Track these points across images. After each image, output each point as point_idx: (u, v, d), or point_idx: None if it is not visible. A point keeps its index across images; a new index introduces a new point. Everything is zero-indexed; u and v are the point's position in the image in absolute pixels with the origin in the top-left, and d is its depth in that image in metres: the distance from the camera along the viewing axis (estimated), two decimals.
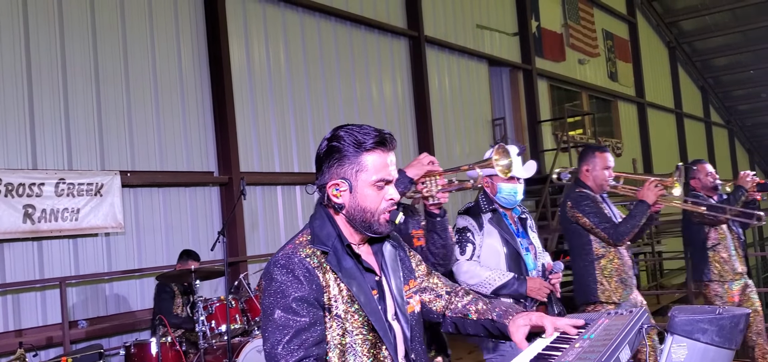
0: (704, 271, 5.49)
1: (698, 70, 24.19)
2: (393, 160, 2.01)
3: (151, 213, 7.58)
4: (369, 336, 1.92)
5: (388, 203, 1.99)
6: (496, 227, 3.82)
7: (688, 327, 1.46)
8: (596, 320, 1.92)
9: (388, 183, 1.98)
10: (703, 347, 1.46)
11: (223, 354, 5.71)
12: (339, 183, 1.97)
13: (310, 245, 1.96)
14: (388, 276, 2.06)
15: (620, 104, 18.95)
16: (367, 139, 1.96)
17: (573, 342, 1.72)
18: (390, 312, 2.02)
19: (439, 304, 2.20)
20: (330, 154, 1.98)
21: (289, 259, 1.91)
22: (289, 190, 9.16)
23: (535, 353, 1.71)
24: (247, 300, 6.34)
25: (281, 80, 9.25)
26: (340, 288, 1.92)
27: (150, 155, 7.61)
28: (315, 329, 1.85)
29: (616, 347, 1.59)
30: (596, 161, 4.56)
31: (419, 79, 11.52)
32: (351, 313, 1.91)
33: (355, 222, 1.99)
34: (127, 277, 7.31)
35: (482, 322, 2.09)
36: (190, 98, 8.07)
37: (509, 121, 14.23)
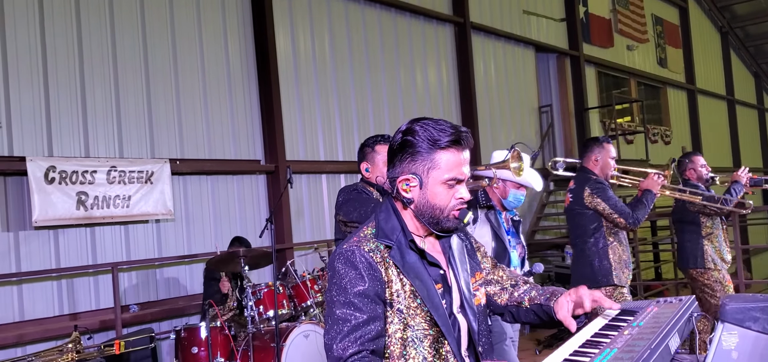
0: (698, 259, 5.73)
1: (751, 55, 23.48)
2: (467, 158, 1.99)
3: (199, 201, 7.74)
4: (431, 331, 1.92)
5: (458, 201, 1.97)
6: (490, 222, 3.95)
7: (739, 316, 1.45)
8: (645, 308, 1.90)
9: (459, 182, 1.97)
10: (755, 335, 1.44)
11: (270, 339, 5.80)
12: (410, 178, 1.96)
13: (375, 239, 1.96)
14: (456, 269, 2.05)
15: (669, 91, 18.53)
16: (442, 137, 1.93)
17: (622, 330, 1.72)
18: (455, 304, 2.02)
19: (503, 297, 2.20)
20: (403, 148, 1.97)
21: (353, 253, 1.91)
22: (333, 178, 9.23)
23: (584, 339, 1.71)
24: (294, 286, 6.41)
25: (326, 69, 9.31)
26: (402, 282, 1.92)
27: (198, 144, 7.75)
28: (373, 324, 1.86)
29: (665, 334, 1.58)
30: (604, 151, 4.88)
31: (464, 66, 11.45)
32: (413, 308, 1.92)
33: (423, 217, 1.98)
34: (177, 263, 7.48)
35: (533, 308, 2.10)
36: (236, 87, 8.19)
37: (556, 108, 14.06)
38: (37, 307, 6.46)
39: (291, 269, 6.65)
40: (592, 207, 4.73)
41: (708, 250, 5.73)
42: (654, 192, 4.77)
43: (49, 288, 6.57)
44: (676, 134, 18.37)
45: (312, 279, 6.45)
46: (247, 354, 5.82)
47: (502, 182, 3.99)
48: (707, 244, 5.74)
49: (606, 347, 1.58)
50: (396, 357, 1.91)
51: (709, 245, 5.75)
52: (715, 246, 5.76)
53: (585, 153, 4.97)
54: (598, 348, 1.59)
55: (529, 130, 13.14)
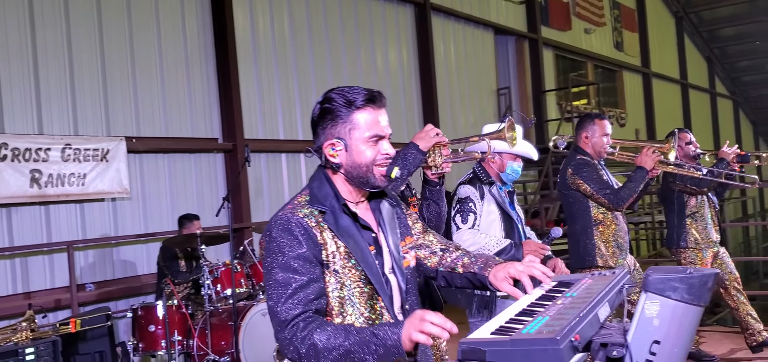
0: (681, 238, 5.57)
1: (704, 40, 24.06)
2: (384, 116, 2.10)
3: (156, 179, 7.69)
4: (366, 289, 2.03)
5: (383, 157, 2.07)
6: (495, 198, 3.96)
7: (660, 286, 1.55)
8: (580, 280, 2.01)
9: (381, 138, 2.07)
10: (674, 303, 1.54)
11: (228, 318, 5.83)
12: (334, 142, 2.06)
13: (308, 205, 2.06)
14: (386, 232, 2.16)
15: (625, 74, 18.91)
16: (357, 98, 2.05)
17: (556, 299, 1.82)
18: (387, 266, 2.12)
19: (433, 260, 2.30)
20: (323, 116, 2.08)
21: (288, 219, 2.01)
22: (293, 158, 9.25)
23: (520, 308, 1.80)
24: (251, 265, 6.45)
25: (285, 48, 9.29)
26: (337, 244, 2.02)
27: (155, 122, 7.70)
28: (313, 285, 1.95)
29: (595, 304, 1.68)
30: (595, 128, 4.67)
31: (425, 47, 11.52)
32: (348, 268, 2.02)
33: (352, 179, 2.08)
34: (134, 242, 7.44)
35: (467, 275, 2.20)
36: (194, 65, 8.13)
37: (514, 90, 14.25)
38: None
39: (248, 248, 6.67)
40: (575, 187, 4.62)
41: (691, 230, 5.56)
42: (646, 168, 4.46)
43: (2, 267, 6.49)
44: (631, 117, 18.77)
45: None
46: (204, 333, 5.85)
47: (499, 155, 3.98)
48: (691, 224, 5.56)
49: (539, 315, 1.67)
50: (335, 314, 2.01)
51: (694, 225, 5.57)
52: (700, 227, 5.57)
53: (577, 131, 4.80)
54: (532, 316, 1.69)
55: (488, 112, 13.29)
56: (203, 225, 7.65)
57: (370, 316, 2.04)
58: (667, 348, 1.54)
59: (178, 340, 5.84)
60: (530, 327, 1.57)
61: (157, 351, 5.91)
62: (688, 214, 5.58)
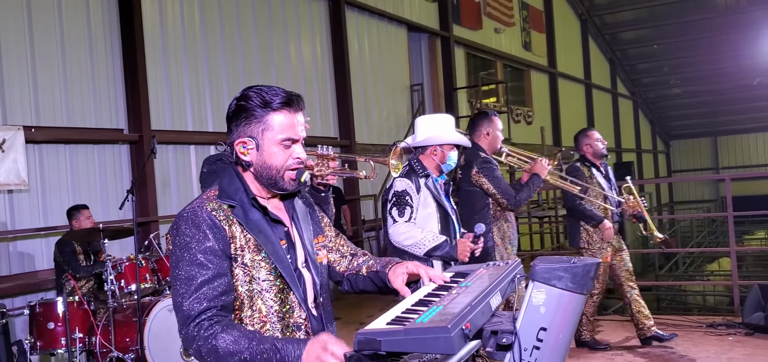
0: (577, 238, 5.93)
1: (607, 42, 25.16)
2: (301, 120, 2.09)
3: (57, 171, 7.39)
4: (276, 282, 2.03)
5: (294, 161, 2.07)
6: (431, 191, 4.02)
7: (546, 275, 1.65)
8: (475, 270, 2.09)
9: (294, 142, 2.07)
10: (559, 292, 1.64)
11: (133, 313, 5.70)
12: (246, 141, 2.05)
13: (217, 199, 2.05)
14: (300, 227, 2.18)
15: (533, 74, 19.53)
16: (274, 99, 2.03)
17: (452, 290, 1.89)
18: (300, 259, 2.13)
19: (342, 265, 2.33)
20: (238, 114, 2.06)
21: (195, 213, 1.99)
22: (203, 150, 9.08)
23: (417, 299, 1.86)
24: (157, 260, 6.32)
25: (195, 38, 9.11)
26: (246, 238, 2.01)
27: (56, 111, 7.39)
28: (220, 280, 1.94)
29: (487, 292, 1.76)
30: (493, 125, 4.94)
31: (338, 42, 11.54)
32: (257, 261, 2.01)
33: (261, 178, 2.08)
34: (32, 236, 7.13)
35: (370, 276, 2.24)
36: (99, 53, 7.85)
37: (427, 87, 14.47)
38: None
39: (154, 242, 6.52)
40: (478, 186, 4.80)
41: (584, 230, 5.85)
42: (541, 177, 4.86)
43: None
44: (538, 115, 19.40)
45: None
46: (107, 329, 5.70)
47: (440, 147, 4.06)
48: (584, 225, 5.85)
49: (434, 305, 1.74)
50: (245, 308, 2.01)
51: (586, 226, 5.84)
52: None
53: (475, 128, 5.00)
54: (427, 306, 1.75)
55: (402, 108, 13.46)
56: (108, 218, 7.44)
57: (281, 309, 2.04)
58: (553, 335, 1.64)
59: (79, 337, 5.68)
60: (424, 316, 1.63)
61: (57, 348, 5.71)
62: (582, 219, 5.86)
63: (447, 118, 4.27)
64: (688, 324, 6.69)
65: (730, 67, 24.24)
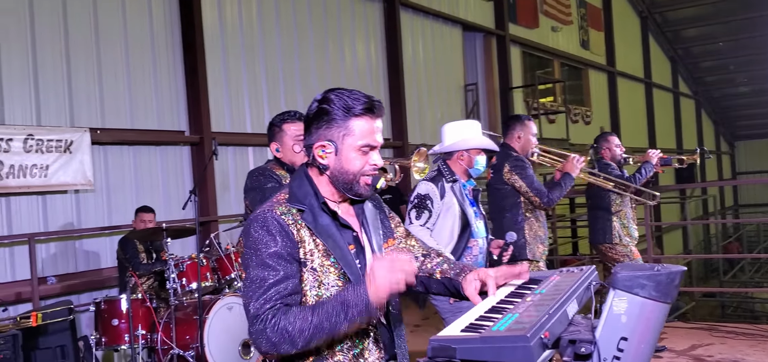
0: (607, 234, 6.05)
1: (668, 40, 24.48)
2: (380, 126, 2.08)
3: (121, 172, 7.58)
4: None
5: (371, 167, 2.07)
6: (456, 196, 4.03)
7: (628, 283, 1.57)
8: (549, 277, 2.03)
9: (372, 149, 2.06)
10: (642, 301, 1.57)
11: (193, 312, 5.77)
12: (325, 144, 2.04)
13: (287, 203, 2.04)
14: (369, 232, 2.16)
15: (591, 72, 19.15)
16: (356, 105, 2.02)
17: (525, 297, 1.83)
18: (369, 265, 2.09)
19: (414, 265, 2.29)
20: (319, 116, 2.05)
21: (265, 217, 1.99)
22: (260, 151, 9.18)
23: (490, 305, 1.82)
24: (217, 259, 6.39)
25: (254, 41, 9.21)
26: (315, 243, 2.01)
27: (120, 113, 7.57)
28: (288, 281, 1.94)
29: (564, 301, 1.70)
30: (526, 129, 4.98)
31: (393, 43, 11.52)
32: (326, 266, 2.01)
33: (337, 183, 2.07)
34: (97, 234, 7.32)
35: (443, 281, 2.21)
36: (161, 56, 8.02)
37: (481, 87, 14.33)
38: None
39: (215, 241, 6.61)
40: (510, 184, 4.85)
41: (616, 226, 6.03)
42: (573, 175, 4.91)
43: None
44: (596, 115, 19.02)
45: (236, 253, 6.43)
46: (169, 327, 5.78)
47: (467, 152, 4.08)
48: (615, 221, 6.03)
49: (508, 312, 1.68)
50: None
51: (618, 221, 6.04)
52: (623, 223, 6.05)
53: (507, 130, 5.08)
54: (502, 313, 1.70)
55: (455, 108, 13.36)
56: (169, 217, 7.58)
57: None
58: (634, 345, 1.56)
59: (142, 334, 5.76)
60: (500, 324, 1.58)
61: (121, 345, 5.82)
62: (613, 211, 6.03)
63: (473, 123, 4.30)
64: (758, 333, 6.43)
65: None
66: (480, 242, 4.05)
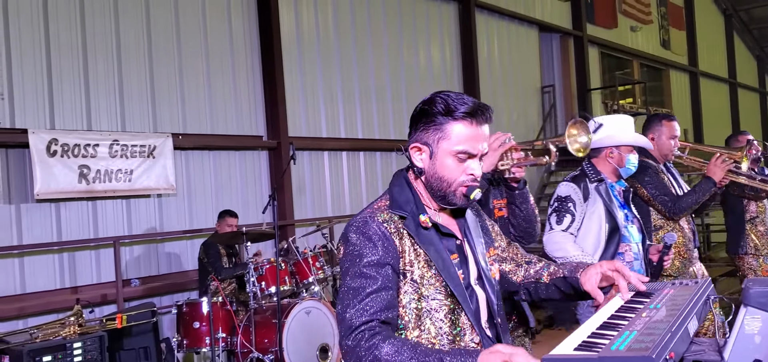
0: (740, 244, 5.32)
1: (755, 38, 23.38)
2: (485, 134, 1.94)
3: (201, 176, 7.71)
4: (447, 301, 1.88)
5: (468, 177, 1.92)
6: (603, 197, 3.63)
7: (763, 299, 1.42)
8: (661, 289, 1.88)
9: (471, 157, 1.92)
10: None
11: (272, 315, 5.79)
12: (421, 147, 1.94)
13: (388, 210, 1.93)
14: (472, 240, 2.03)
15: (672, 73, 18.46)
16: (458, 107, 1.89)
17: (640, 311, 1.69)
18: (473, 275, 1.98)
19: (519, 274, 2.16)
20: (420, 116, 1.94)
21: (366, 223, 1.88)
22: (335, 156, 9.20)
23: (601, 320, 1.68)
24: (295, 263, 6.41)
25: (329, 46, 9.24)
26: (417, 252, 1.88)
27: (201, 118, 7.71)
28: (385, 293, 1.81)
29: (684, 317, 1.56)
30: (662, 129, 4.32)
31: (468, 45, 11.37)
32: (428, 278, 1.88)
33: (431, 189, 1.95)
34: (179, 238, 7.47)
35: (554, 282, 2.06)
36: (239, 63, 8.13)
37: (558, 88, 13.99)
38: (39, 280, 6.46)
39: (293, 246, 6.63)
40: (633, 191, 4.14)
41: (750, 235, 5.33)
42: (715, 179, 4.12)
43: (51, 261, 6.56)
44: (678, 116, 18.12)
45: (313, 256, 6.44)
46: (248, 330, 5.82)
47: (616, 149, 3.67)
48: (750, 229, 5.32)
49: (625, 329, 1.55)
50: (411, 328, 1.87)
51: (753, 230, 5.33)
52: (761, 232, 5.31)
53: (643, 131, 4.40)
54: (617, 330, 1.57)
55: (532, 111, 13.09)
56: (248, 221, 7.67)
57: (451, 332, 1.88)
58: None
59: (222, 337, 5.82)
60: (619, 342, 1.45)
61: (201, 347, 5.88)
62: (748, 219, 5.32)
63: (626, 118, 3.80)
64: None
65: None
66: (634, 247, 3.64)
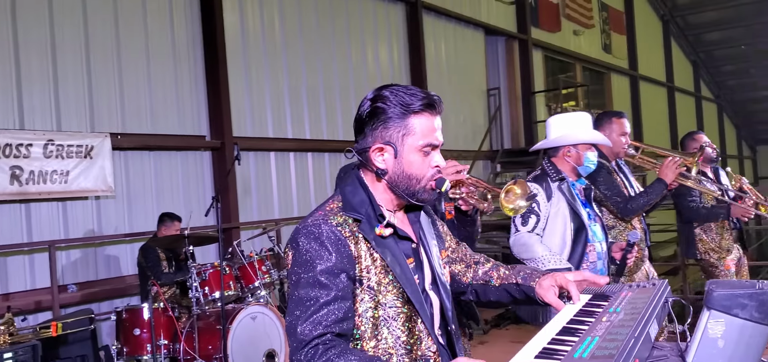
0: (690, 247, 5.34)
1: (690, 44, 24.10)
2: (439, 124, 1.90)
3: (142, 177, 7.46)
4: (404, 309, 1.81)
5: (434, 170, 1.88)
6: (566, 196, 3.63)
7: (726, 302, 1.39)
8: (619, 292, 1.85)
9: (434, 148, 1.88)
10: (742, 323, 1.38)
11: (216, 321, 5.64)
12: (383, 147, 1.86)
13: (342, 212, 1.84)
14: (427, 243, 1.96)
15: (613, 76, 18.86)
16: (414, 101, 1.84)
17: (599, 316, 1.65)
18: (427, 280, 1.92)
19: (468, 275, 2.12)
20: (374, 116, 1.85)
21: (318, 227, 1.78)
22: (282, 157, 9.05)
23: (560, 326, 1.63)
24: (240, 267, 6.26)
25: (276, 45, 9.08)
26: (373, 258, 1.80)
27: (141, 118, 7.46)
28: (340, 303, 1.72)
29: (645, 322, 1.52)
30: (613, 127, 4.37)
31: (415, 46, 11.36)
32: (385, 285, 1.80)
33: (397, 189, 1.87)
34: (118, 241, 7.21)
35: (505, 287, 2.02)
36: (182, 61, 7.91)
37: (504, 91, 14.12)
38: None
39: (237, 249, 6.48)
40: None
41: (702, 238, 5.32)
42: (666, 181, 4.15)
43: None
44: None
45: (260, 260, 6.30)
46: (191, 336, 5.66)
47: (574, 147, 3.69)
48: (700, 233, 5.31)
49: (586, 334, 1.50)
50: (367, 338, 1.79)
51: (702, 234, 5.32)
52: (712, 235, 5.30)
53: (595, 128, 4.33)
54: (577, 335, 1.52)
55: (478, 113, 13.17)
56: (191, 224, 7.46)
57: (408, 340, 1.81)
58: None
59: (163, 344, 5.65)
60: (581, 349, 1.40)
61: (142, 355, 5.70)
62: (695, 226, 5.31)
63: (582, 115, 3.80)
64: None
65: None
66: (598, 246, 3.64)
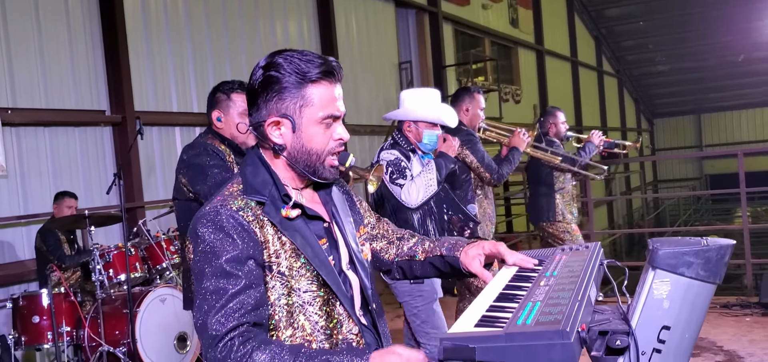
0: (549, 211, 6.09)
1: (593, 19, 24.88)
2: (340, 93, 1.75)
3: (36, 155, 6.97)
4: (320, 292, 1.69)
5: (336, 143, 1.74)
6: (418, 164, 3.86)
7: (672, 261, 1.33)
8: (552, 256, 1.79)
9: (336, 119, 1.73)
10: (687, 281, 1.33)
11: (122, 305, 5.35)
12: (279, 120, 1.70)
13: (243, 195, 1.69)
14: (340, 221, 1.83)
15: (520, 51, 19.22)
16: (311, 69, 1.68)
17: (536, 280, 1.58)
18: (344, 260, 1.80)
19: (391, 252, 2.01)
20: (267, 86, 1.69)
21: (217, 214, 1.63)
22: (188, 131, 8.67)
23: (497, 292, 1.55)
24: (147, 247, 5.96)
25: (179, 16, 8.67)
26: (281, 241, 1.67)
27: (34, 92, 6.95)
28: (251, 291, 1.58)
29: (585, 284, 1.45)
30: (475, 101, 4.86)
31: (325, 20, 11.15)
32: (297, 269, 1.67)
33: (297, 165, 1.73)
34: (13, 224, 6.71)
35: (430, 260, 1.93)
36: (77, 31, 7.41)
37: (415, 65, 14.11)
38: None
39: (143, 229, 6.16)
40: (460, 159, 4.60)
41: (559, 204, 6.08)
42: (520, 149, 4.82)
43: None
44: (526, 94, 19.13)
45: (167, 240, 6.03)
46: (96, 322, 5.38)
47: (415, 124, 3.78)
48: (558, 198, 6.07)
49: (526, 300, 1.42)
50: (283, 327, 1.66)
51: (561, 199, 6.09)
52: (566, 201, 6.11)
53: (456, 103, 4.87)
54: (516, 301, 1.44)
55: (390, 87, 13.11)
56: (91, 204, 7.07)
57: (327, 325, 1.69)
58: (677, 334, 1.33)
59: (66, 331, 5.36)
60: (523, 315, 1.31)
61: (43, 343, 5.39)
62: (556, 189, 6.09)
63: (432, 92, 3.99)
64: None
65: (717, 44, 24.12)
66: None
